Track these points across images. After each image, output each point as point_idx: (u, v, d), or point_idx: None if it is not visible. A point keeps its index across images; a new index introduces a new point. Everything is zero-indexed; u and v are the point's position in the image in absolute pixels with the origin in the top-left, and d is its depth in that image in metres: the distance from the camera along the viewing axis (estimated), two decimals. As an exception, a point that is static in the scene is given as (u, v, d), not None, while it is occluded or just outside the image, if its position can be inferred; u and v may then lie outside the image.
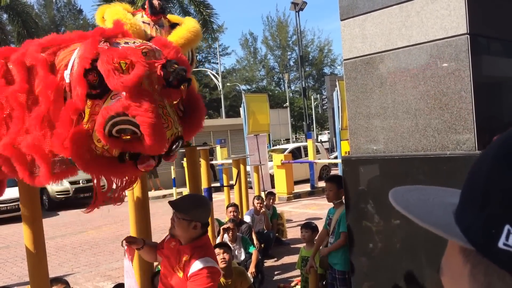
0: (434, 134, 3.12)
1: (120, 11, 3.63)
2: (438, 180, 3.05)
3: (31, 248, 2.91)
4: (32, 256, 2.93)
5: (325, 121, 46.97)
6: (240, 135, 12.70)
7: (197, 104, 2.53)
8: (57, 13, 39.48)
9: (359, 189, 3.53)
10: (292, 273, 6.13)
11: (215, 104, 40.70)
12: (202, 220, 2.59)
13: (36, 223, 2.97)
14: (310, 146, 15.01)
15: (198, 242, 2.57)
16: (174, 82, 2.19)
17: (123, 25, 2.59)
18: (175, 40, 3.70)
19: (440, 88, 3.07)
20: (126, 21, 3.50)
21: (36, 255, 2.92)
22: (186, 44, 3.72)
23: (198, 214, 2.57)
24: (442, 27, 3.03)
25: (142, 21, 3.79)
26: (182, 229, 2.55)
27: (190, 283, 2.45)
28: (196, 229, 2.55)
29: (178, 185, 16.45)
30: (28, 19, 20.16)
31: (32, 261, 2.94)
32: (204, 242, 2.62)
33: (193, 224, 2.53)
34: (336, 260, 4.09)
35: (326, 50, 49.95)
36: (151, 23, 3.80)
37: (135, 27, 3.56)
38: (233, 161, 8.87)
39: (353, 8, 3.51)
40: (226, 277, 4.44)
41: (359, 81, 3.51)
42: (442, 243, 2.44)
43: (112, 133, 2.12)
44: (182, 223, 2.54)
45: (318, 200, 12.40)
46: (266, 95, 14.84)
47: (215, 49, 41.97)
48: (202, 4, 17.46)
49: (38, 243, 2.93)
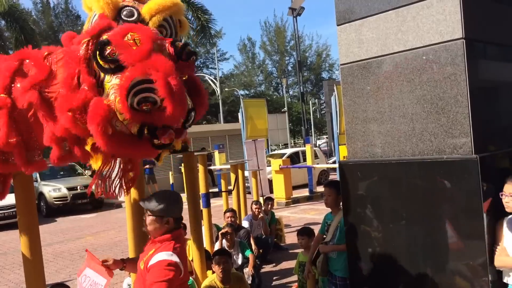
0: (430, 138, 3.13)
1: None
2: (435, 184, 3.06)
3: (27, 255, 2.90)
4: (28, 263, 2.91)
5: (323, 126, 47.02)
6: (239, 140, 12.69)
7: (199, 88, 2.59)
8: (55, 19, 39.50)
9: (356, 193, 3.53)
10: (291, 278, 6.11)
11: (213, 109, 40.68)
12: (175, 215, 2.61)
13: (33, 230, 2.95)
14: (308, 151, 15.01)
15: (168, 236, 2.57)
16: (184, 56, 2.30)
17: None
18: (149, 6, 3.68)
19: (437, 92, 3.07)
20: None
21: (32, 262, 2.90)
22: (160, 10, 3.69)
23: (171, 209, 2.59)
24: (438, 31, 3.04)
25: None
26: (155, 226, 2.57)
27: (148, 274, 2.46)
28: (169, 224, 2.58)
29: (177, 191, 16.39)
30: (25, 25, 20.15)
31: (28, 268, 2.92)
32: (176, 236, 2.61)
33: (166, 220, 2.57)
34: (337, 266, 4.06)
35: (324, 55, 50.11)
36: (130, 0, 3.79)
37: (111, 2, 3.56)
38: (231, 166, 8.86)
39: (350, 13, 3.53)
40: (224, 283, 4.42)
41: (355, 85, 3.52)
42: (440, 248, 2.46)
43: (134, 105, 2.18)
44: (155, 219, 2.56)
45: (316, 205, 12.38)
46: (264, 100, 14.85)
47: (213, 55, 42.01)
48: (200, 9, 17.48)
49: (35, 250, 2.92)
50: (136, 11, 3.65)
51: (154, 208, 2.56)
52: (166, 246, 2.52)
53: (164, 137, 2.27)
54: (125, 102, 2.17)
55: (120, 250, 8.60)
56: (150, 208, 2.57)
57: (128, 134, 2.31)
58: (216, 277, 4.45)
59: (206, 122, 40.69)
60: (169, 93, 2.13)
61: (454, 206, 2.97)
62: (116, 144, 2.29)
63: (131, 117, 2.22)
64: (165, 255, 2.46)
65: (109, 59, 2.26)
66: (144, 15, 3.66)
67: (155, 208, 2.55)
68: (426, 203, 3.10)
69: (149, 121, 2.25)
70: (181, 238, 2.69)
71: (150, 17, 3.66)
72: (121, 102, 2.18)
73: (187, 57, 2.33)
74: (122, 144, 2.31)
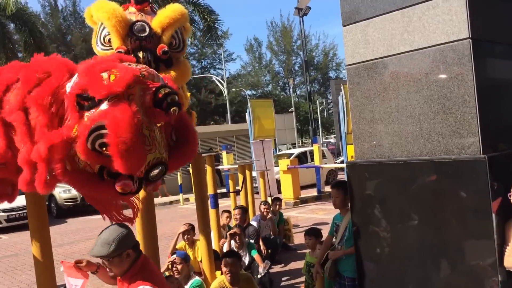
0: (438, 138, 3.12)
1: (107, 3, 3.63)
2: (443, 185, 3.05)
3: (38, 256, 2.94)
4: (39, 264, 2.96)
5: (331, 125, 46.89)
6: (246, 141, 12.70)
7: (189, 136, 2.52)
8: (63, 22, 39.76)
9: (364, 194, 3.53)
10: (300, 279, 6.11)
11: (221, 109, 40.78)
12: (130, 244, 2.48)
13: (43, 231, 3.00)
14: (316, 150, 14.99)
15: (134, 269, 2.47)
16: (164, 105, 2.20)
17: None
18: (160, 20, 3.71)
19: (444, 92, 3.07)
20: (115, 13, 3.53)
21: (43, 263, 2.95)
22: (171, 23, 3.74)
23: (123, 241, 2.43)
24: (444, 32, 3.03)
25: (129, 12, 3.82)
26: (119, 266, 2.44)
27: None
28: (130, 256, 2.46)
29: (185, 191, 16.49)
30: (34, 28, 20.35)
31: (39, 269, 2.96)
32: (140, 265, 2.49)
33: (125, 254, 2.44)
34: (346, 267, 4.07)
35: (331, 54, 49.97)
36: (136, 12, 3.83)
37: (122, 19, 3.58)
38: (239, 166, 8.88)
39: (355, 14, 3.53)
40: (233, 285, 4.44)
41: (362, 86, 3.52)
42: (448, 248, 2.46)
43: (96, 147, 2.11)
44: (116, 261, 2.43)
45: (325, 205, 12.36)
46: (271, 100, 14.86)
47: (220, 55, 42.07)
48: (206, 10, 17.50)
49: (46, 251, 2.97)
50: (147, 25, 3.70)
51: (109, 251, 2.40)
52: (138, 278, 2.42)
53: (117, 184, 2.19)
54: (83, 142, 2.11)
55: (129, 251, 8.63)
56: (104, 254, 2.41)
57: (91, 173, 2.26)
58: (225, 278, 4.47)
59: (213, 122, 40.78)
60: (116, 151, 2.04)
61: (463, 206, 2.96)
62: (76, 179, 2.25)
63: (88, 158, 2.16)
64: None
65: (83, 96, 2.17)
66: (156, 29, 3.72)
67: (109, 251, 2.40)
68: (434, 203, 3.09)
69: (108, 165, 2.17)
70: (146, 265, 2.55)
71: (162, 30, 3.72)
72: (79, 141, 2.13)
73: (167, 107, 2.21)
74: (83, 181, 2.26)
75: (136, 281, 2.42)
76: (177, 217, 12.60)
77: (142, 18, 3.76)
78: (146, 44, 3.64)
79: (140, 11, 3.82)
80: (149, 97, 2.19)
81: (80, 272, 2.77)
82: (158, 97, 2.19)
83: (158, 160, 2.27)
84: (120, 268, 2.45)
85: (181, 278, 4.60)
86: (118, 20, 3.56)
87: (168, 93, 2.21)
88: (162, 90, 2.21)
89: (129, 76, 2.13)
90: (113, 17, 3.53)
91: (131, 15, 3.79)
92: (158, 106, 2.20)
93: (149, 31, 3.70)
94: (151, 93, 2.20)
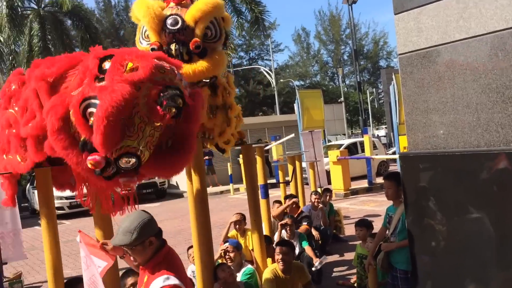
0: (497, 129, 3.01)
1: (143, 2, 3.82)
2: (503, 176, 2.95)
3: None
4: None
5: (381, 116, 45.85)
6: (295, 131, 12.66)
7: (185, 146, 2.52)
8: (116, 17, 41.14)
9: (418, 186, 3.46)
10: (351, 271, 6.10)
11: (269, 100, 40.87)
12: (153, 232, 2.44)
13: (106, 219, 3.21)
14: (367, 141, 14.74)
15: (157, 258, 2.43)
16: (163, 102, 2.28)
17: None
18: (192, 13, 3.80)
19: (503, 81, 2.95)
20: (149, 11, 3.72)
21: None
22: (203, 17, 3.82)
23: (145, 229, 2.40)
24: (503, 17, 2.91)
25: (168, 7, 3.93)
26: (142, 254, 2.41)
27: None
28: (153, 244, 2.42)
29: (235, 181, 16.74)
30: (90, 24, 21.25)
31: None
32: (164, 254, 2.46)
33: (148, 241, 2.40)
34: (398, 259, 4.03)
35: (381, 42, 48.81)
36: (174, 6, 3.93)
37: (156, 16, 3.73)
38: (288, 157, 8.91)
39: (408, 1, 3.45)
40: (286, 273, 4.51)
41: (415, 75, 3.44)
42: (508, 243, 2.41)
43: (86, 114, 2.30)
44: (138, 250, 2.39)
45: (376, 197, 12.17)
46: (320, 90, 14.71)
47: (267, 46, 42.09)
48: (253, 1, 17.55)
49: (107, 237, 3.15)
50: (180, 18, 3.81)
51: (131, 240, 2.36)
52: (161, 268, 2.38)
53: (89, 157, 2.27)
54: (77, 103, 2.31)
55: (183, 238, 8.92)
56: (126, 243, 2.37)
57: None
58: (277, 266, 4.54)
59: (262, 113, 40.94)
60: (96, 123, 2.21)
61: (523, 199, 2.86)
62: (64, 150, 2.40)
63: (76, 120, 2.33)
64: (162, 280, 2.32)
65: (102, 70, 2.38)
66: (189, 22, 3.83)
67: (132, 240, 2.36)
68: (493, 196, 3.00)
69: (90, 139, 2.30)
70: (170, 255, 2.51)
71: (194, 23, 3.82)
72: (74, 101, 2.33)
73: (163, 108, 2.28)
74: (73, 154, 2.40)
75: (160, 270, 2.37)
76: (227, 207, 12.83)
77: (176, 12, 3.87)
78: (179, 36, 3.77)
79: (178, 4, 3.93)
80: (155, 92, 2.31)
81: (107, 254, 2.74)
82: (163, 94, 2.30)
83: (132, 149, 2.28)
84: (143, 256, 2.42)
85: (233, 266, 4.71)
86: (152, 17, 3.74)
87: (169, 94, 2.29)
88: (167, 90, 2.30)
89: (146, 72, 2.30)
90: (147, 14, 3.75)
91: (168, 9, 3.91)
92: (160, 103, 2.29)
93: (182, 23, 3.81)
94: (159, 88, 2.32)
